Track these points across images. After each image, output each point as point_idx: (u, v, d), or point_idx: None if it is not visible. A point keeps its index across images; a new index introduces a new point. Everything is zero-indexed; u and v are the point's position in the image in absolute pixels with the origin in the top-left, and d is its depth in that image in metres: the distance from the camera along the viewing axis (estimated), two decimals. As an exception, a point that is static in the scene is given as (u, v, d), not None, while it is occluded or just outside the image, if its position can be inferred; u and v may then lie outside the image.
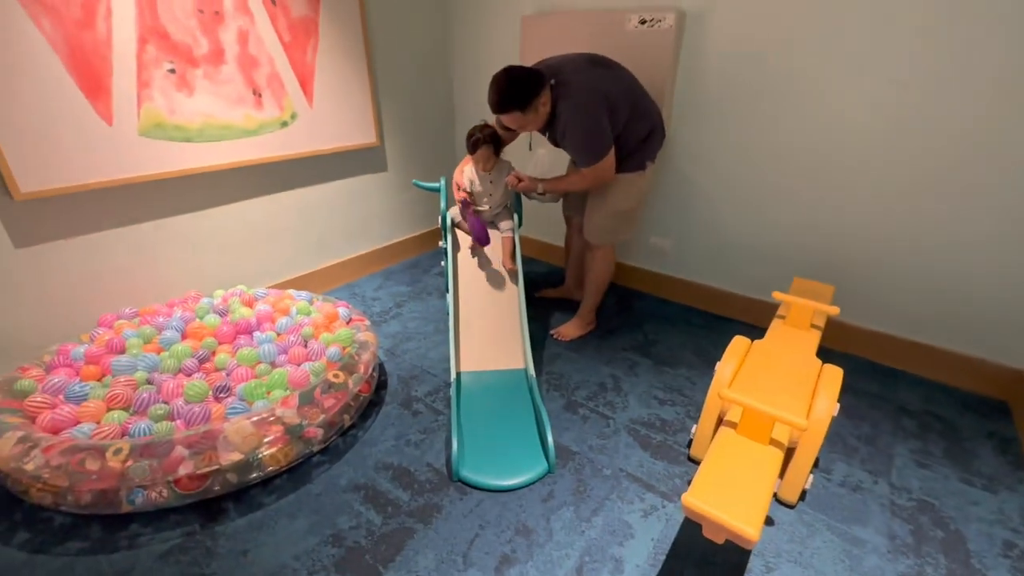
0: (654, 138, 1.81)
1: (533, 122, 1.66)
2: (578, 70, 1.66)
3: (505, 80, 1.58)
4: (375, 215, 2.71)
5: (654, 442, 1.56)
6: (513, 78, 1.58)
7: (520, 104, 1.58)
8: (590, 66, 1.69)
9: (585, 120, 1.63)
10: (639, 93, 1.75)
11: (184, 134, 1.83)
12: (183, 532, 1.25)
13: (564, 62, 1.69)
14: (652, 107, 1.79)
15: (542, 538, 1.24)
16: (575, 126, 1.64)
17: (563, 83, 1.64)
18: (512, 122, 1.65)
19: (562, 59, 1.72)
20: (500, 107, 1.60)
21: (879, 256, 1.86)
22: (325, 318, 1.79)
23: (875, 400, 1.75)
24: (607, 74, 1.70)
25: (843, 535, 1.25)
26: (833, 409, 1.22)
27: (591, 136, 1.66)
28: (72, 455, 1.18)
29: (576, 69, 1.66)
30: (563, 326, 2.14)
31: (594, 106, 1.62)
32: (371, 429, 1.60)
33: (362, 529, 1.26)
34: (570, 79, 1.63)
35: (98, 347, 1.54)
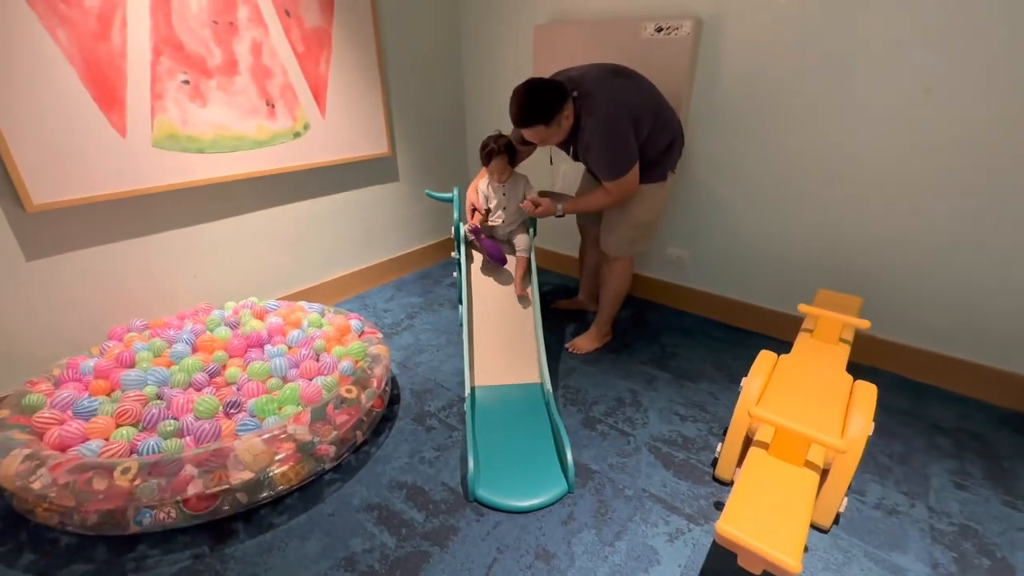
0: (675, 148, 1.76)
1: (556, 135, 1.61)
2: (600, 81, 1.61)
3: (528, 93, 1.53)
4: (387, 226, 2.69)
5: (677, 460, 1.50)
6: (536, 91, 1.53)
7: (544, 118, 1.53)
8: (612, 76, 1.64)
9: (611, 133, 1.57)
10: (661, 103, 1.70)
11: (197, 145, 1.82)
12: (192, 554, 1.21)
13: (584, 73, 1.64)
14: (673, 116, 1.75)
15: (563, 563, 1.18)
16: (600, 139, 1.58)
17: (586, 95, 1.59)
18: (535, 136, 1.59)
19: (582, 70, 1.67)
20: (523, 121, 1.55)
21: (907, 267, 1.80)
22: (337, 331, 1.76)
23: (906, 417, 1.68)
24: (629, 84, 1.65)
25: (882, 563, 1.19)
26: (869, 428, 1.16)
27: (617, 150, 1.60)
28: (79, 473, 1.14)
29: (598, 80, 1.61)
30: (578, 338, 2.08)
31: (619, 118, 1.57)
32: (384, 446, 1.56)
33: (376, 552, 1.21)
34: (593, 90, 1.58)
35: (107, 361, 1.51)
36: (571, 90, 1.57)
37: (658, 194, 1.80)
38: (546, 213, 1.82)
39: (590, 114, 1.57)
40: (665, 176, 1.78)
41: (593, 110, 1.57)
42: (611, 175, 1.64)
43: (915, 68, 1.60)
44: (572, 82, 1.61)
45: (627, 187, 1.67)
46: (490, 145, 1.82)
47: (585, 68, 1.67)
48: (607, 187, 1.68)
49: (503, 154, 1.81)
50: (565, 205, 1.81)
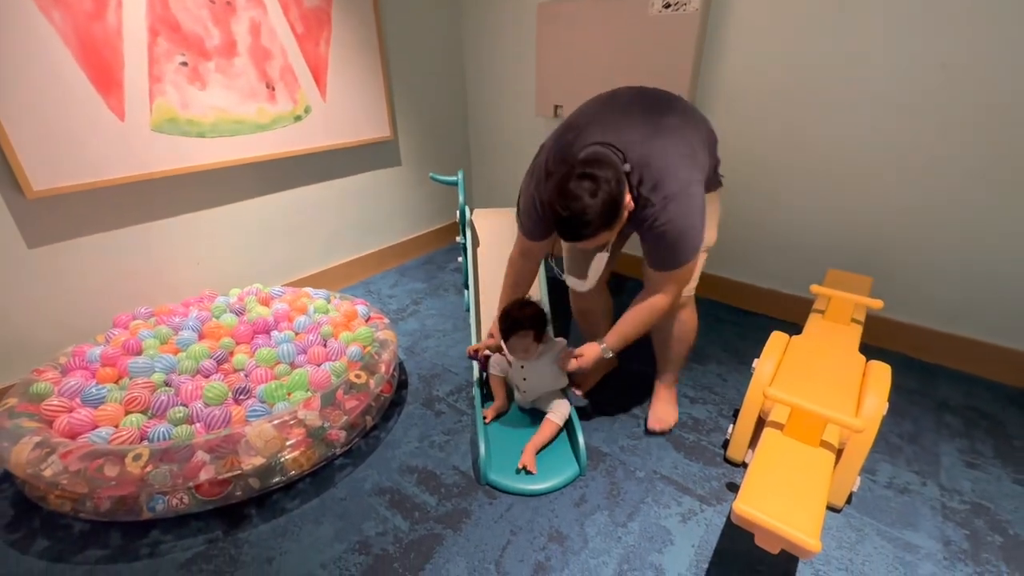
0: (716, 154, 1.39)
1: (615, 233, 1.18)
2: (654, 141, 1.15)
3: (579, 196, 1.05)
4: (390, 211, 2.66)
5: (687, 442, 1.50)
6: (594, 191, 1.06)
7: (609, 222, 1.09)
8: (658, 123, 1.19)
9: (690, 219, 1.15)
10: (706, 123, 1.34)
11: (198, 129, 1.79)
12: (206, 539, 1.21)
13: (621, 125, 1.19)
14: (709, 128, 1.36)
15: (577, 545, 1.19)
16: (679, 227, 1.15)
17: (641, 165, 1.13)
18: (596, 242, 1.17)
19: (611, 119, 1.21)
20: (580, 234, 1.10)
21: (915, 247, 1.78)
22: (344, 316, 1.74)
23: (915, 396, 1.68)
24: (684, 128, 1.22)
25: (894, 540, 1.19)
26: (884, 408, 1.16)
27: (695, 233, 1.17)
28: (91, 460, 1.14)
29: (650, 141, 1.15)
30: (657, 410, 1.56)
31: (697, 193, 1.16)
32: (393, 431, 1.55)
33: (389, 535, 1.21)
34: (651, 160, 1.13)
35: (114, 348, 1.50)
36: (620, 162, 1.13)
37: (718, 203, 1.42)
38: (592, 360, 1.36)
39: (661, 196, 1.13)
40: (720, 183, 1.40)
41: (661, 187, 1.13)
42: (680, 262, 1.21)
43: (931, 44, 1.56)
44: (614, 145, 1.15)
45: (691, 271, 1.28)
46: (513, 315, 1.39)
47: (611, 113, 1.23)
48: (671, 276, 1.23)
49: (529, 330, 1.39)
50: (611, 339, 1.33)
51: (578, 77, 2.25)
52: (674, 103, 1.28)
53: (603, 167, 1.08)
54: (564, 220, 1.08)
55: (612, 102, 1.27)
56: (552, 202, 1.10)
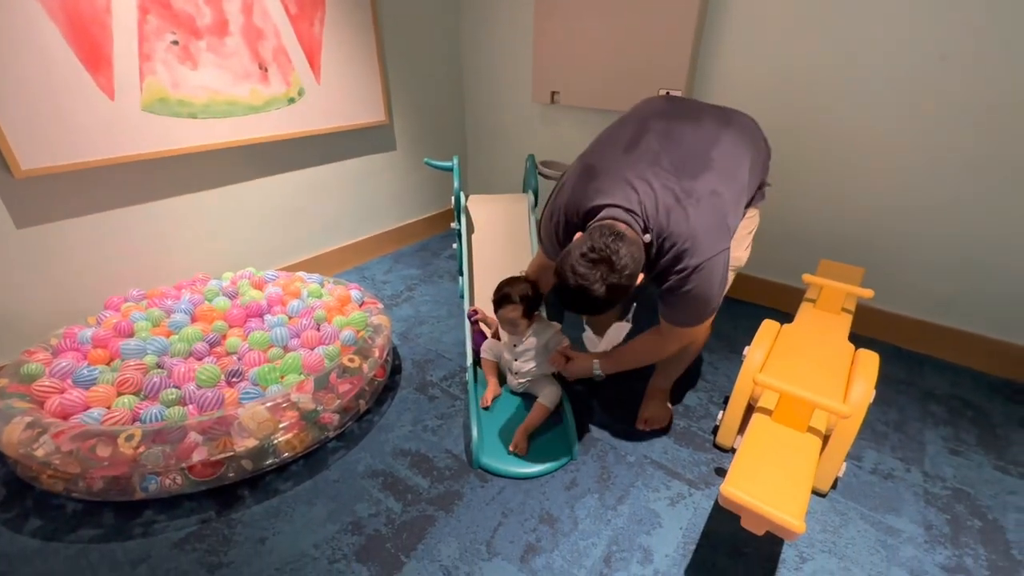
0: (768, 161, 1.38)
1: None
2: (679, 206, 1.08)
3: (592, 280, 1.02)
4: (384, 196, 2.64)
5: (677, 428, 1.52)
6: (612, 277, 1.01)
7: (614, 304, 1.08)
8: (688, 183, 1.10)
9: (710, 287, 1.12)
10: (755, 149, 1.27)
11: (189, 110, 1.76)
12: (199, 519, 1.22)
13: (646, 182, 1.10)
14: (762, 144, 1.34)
15: (567, 527, 1.20)
16: (693, 295, 1.13)
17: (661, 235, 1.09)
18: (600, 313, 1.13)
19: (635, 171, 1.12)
20: (585, 312, 1.12)
21: (906, 239, 1.80)
22: (337, 301, 1.74)
23: (901, 386, 1.70)
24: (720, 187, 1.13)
25: (877, 524, 1.22)
26: (871, 395, 1.18)
27: (711, 298, 1.15)
28: (83, 441, 1.14)
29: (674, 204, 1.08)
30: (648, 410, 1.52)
31: (719, 263, 1.11)
32: (387, 414, 1.56)
33: (382, 516, 1.23)
34: (673, 232, 1.08)
35: (105, 330, 1.49)
36: (640, 230, 1.09)
37: (758, 218, 1.41)
38: (580, 374, 1.41)
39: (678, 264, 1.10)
40: (765, 195, 1.38)
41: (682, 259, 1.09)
42: (695, 323, 1.21)
43: (930, 33, 1.56)
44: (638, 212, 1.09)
45: (704, 330, 1.28)
46: (503, 289, 1.43)
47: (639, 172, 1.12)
48: (679, 332, 1.24)
49: (516, 304, 1.42)
50: (604, 363, 1.36)
51: (576, 63, 2.24)
52: (713, 149, 1.17)
53: (620, 249, 1.01)
54: (570, 293, 1.06)
55: (638, 145, 1.18)
56: (562, 271, 1.06)
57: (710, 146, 1.18)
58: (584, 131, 2.44)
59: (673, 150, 1.16)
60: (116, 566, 1.11)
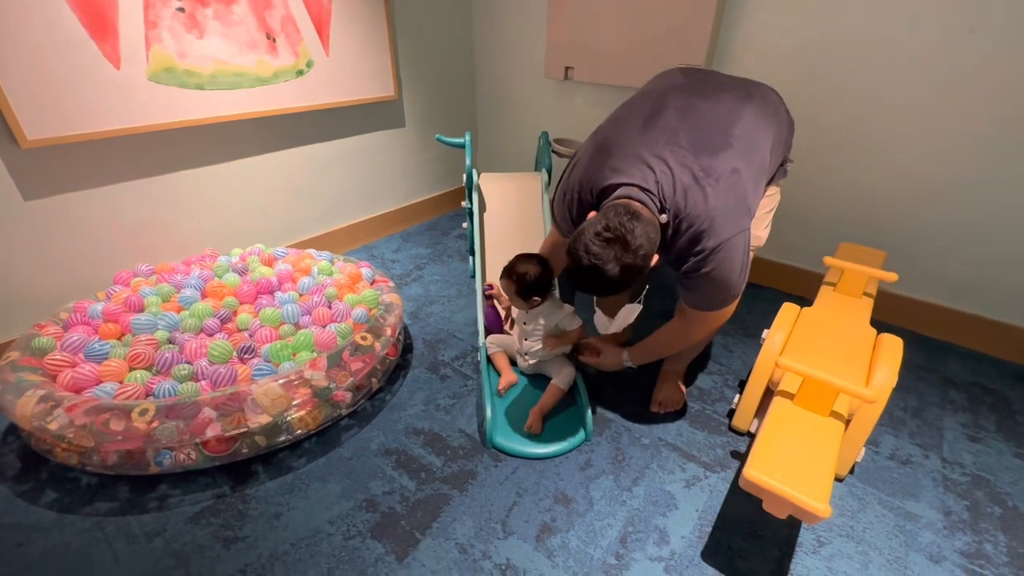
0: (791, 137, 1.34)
1: None
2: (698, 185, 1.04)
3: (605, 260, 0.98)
4: (393, 174, 2.60)
5: (692, 411, 1.50)
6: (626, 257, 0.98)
7: (628, 286, 1.05)
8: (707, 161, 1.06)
9: (729, 270, 1.08)
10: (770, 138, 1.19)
11: (196, 80, 1.72)
12: (213, 494, 1.21)
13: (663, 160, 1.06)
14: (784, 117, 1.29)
15: (582, 507, 1.20)
16: (712, 279, 1.09)
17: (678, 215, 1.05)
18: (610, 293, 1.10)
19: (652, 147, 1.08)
20: (597, 292, 1.10)
21: (929, 223, 1.75)
22: (348, 279, 1.72)
23: (920, 372, 1.68)
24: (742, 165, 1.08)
25: (896, 510, 1.20)
26: (895, 380, 1.15)
27: (731, 283, 1.11)
28: (96, 415, 1.13)
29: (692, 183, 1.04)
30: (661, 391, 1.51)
31: (739, 244, 1.06)
32: (399, 393, 1.55)
33: (396, 495, 1.22)
34: (691, 212, 1.04)
35: (116, 305, 1.48)
36: (656, 210, 1.05)
37: (778, 196, 1.38)
38: (611, 367, 1.39)
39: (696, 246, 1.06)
40: (787, 172, 1.33)
41: (700, 241, 1.05)
42: (717, 307, 1.17)
43: (960, 6, 1.49)
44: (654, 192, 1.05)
45: (729, 312, 1.21)
46: (511, 262, 1.40)
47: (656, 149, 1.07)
48: (702, 317, 1.20)
49: (510, 282, 1.38)
50: (634, 354, 1.35)
51: (591, 38, 2.17)
52: (733, 126, 1.11)
53: (636, 229, 0.98)
54: (582, 272, 1.02)
55: (656, 121, 1.12)
56: (575, 250, 1.02)
57: (731, 123, 1.13)
58: (599, 108, 2.38)
59: (692, 127, 1.11)
60: (132, 539, 1.11)
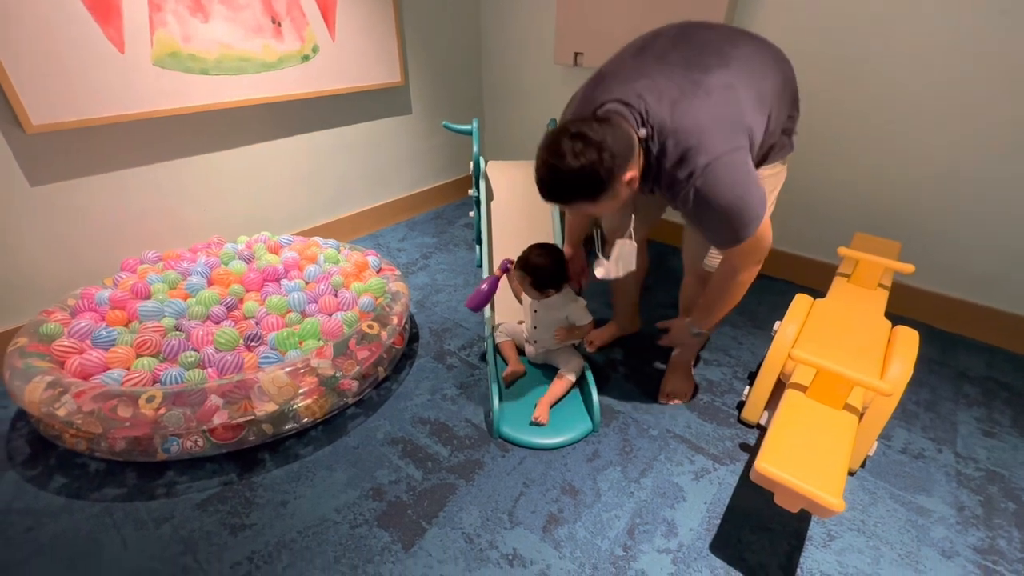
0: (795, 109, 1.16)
1: (611, 208, 1.03)
2: (685, 98, 0.95)
3: (565, 155, 0.91)
4: (399, 161, 2.58)
5: (701, 403, 1.49)
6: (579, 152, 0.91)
7: (590, 194, 0.96)
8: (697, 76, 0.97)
9: (732, 197, 0.97)
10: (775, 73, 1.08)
11: (201, 65, 1.70)
12: (221, 482, 1.22)
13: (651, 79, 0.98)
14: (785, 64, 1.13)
15: (590, 498, 1.19)
16: (718, 209, 0.98)
17: (665, 132, 0.95)
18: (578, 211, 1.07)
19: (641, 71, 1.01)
20: (557, 197, 0.99)
21: (944, 213, 1.71)
22: (355, 267, 1.71)
23: (934, 365, 1.65)
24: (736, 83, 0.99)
25: (907, 504, 1.19)
26: (910, 373, 1.13)
27: (744, 209, 0.99)
28: (104, 401, 1.13)
29: (680, 98, 0.95)
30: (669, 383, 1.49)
31: (735, 162, 0.96)
32: (405, 382, 1.55)
33: (403, 484, 1.22)
34: (678, 126, 0.94)
35: (123, 292, 1.47)
36: (636, 124, 0.96)
37: (783, 174, 1.24)
38: (683, 340, 1.32)
39: (683, 169, 0.96)
40: (792, 146, 1.19)
41: (687, 162, 0.95)
42: (739, 238, 1.03)
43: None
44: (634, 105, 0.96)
45: (763, 239, 1.07)
46: (524, 253, 1.37)
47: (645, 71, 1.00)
48: (735, 254, 1.09)
49: (526, 275, 1.36)
50: (696, 319, 1.26)
51: (602, 23, 2.12)
52: (730, 48, 1.03)
53: (605, 131, 0.91)
54: (542, 175, 0.97)
55: (649, 47, 1.07)
56: (539, 153, 0.97)
57: (729, 46, 1.04)
58: (608, 95, 2.33)
59: (685, 46, 1.04)
60: (140, 524, 1.12)
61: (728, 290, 1.17)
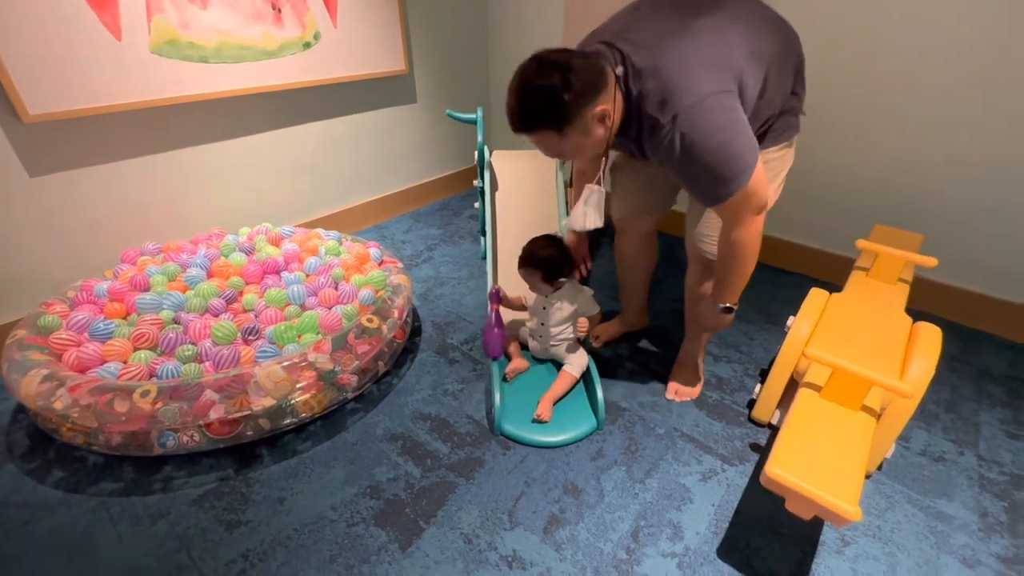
0: (802, 75, 1.11)
1: (582, 147, 0.97)
2: (670, 37, 0.92)
3: (528, 78, 0.89)
4: (404, 152, 2.54)
5: (710, 401, 1.44)
6: (540, 73, 0.88)
7: (554, 119, 0.90)
8: (687, 21, 0.94)
9: (712, 132, 0.90)
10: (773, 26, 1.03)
11: (200, 53, 1.67)
12: (217, 477, 1.20)
13: (641, 24, 0.97)
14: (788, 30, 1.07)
15: (593, 499, 1.15)
16: (700, 159, 0.91)
17: (646, 73, 0.91)
18: (545, 147, 0.98)
19: (633, 17, 1.00)
20: (521, 123, 0.94)
21: (966, 205, 1.64)
22: (356, 259, 1.68)
23: (954, 363, 1.58)
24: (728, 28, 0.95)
25: (926, 509, 1.14)
26: (932, 373, 1.07)
27: (724, 152, 0.91)
28: (99, 395, 1.11)
29: (665, 37, 0.92)
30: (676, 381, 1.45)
31: (719, 106, 0.90)
32: (406, 377, 1.52)
33: (401, 481, 1.19)
34: (661, 65, 0.90)
35: (121, 284, 1.46)
36: (613, 64, 0.93)
37: (789, 157, 1.17)
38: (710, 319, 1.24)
39: (666, 111, 0.90)
40: (798, 126, 1.15)
41: (670, 103, 0.89)
42: (726, 192, 0.96)
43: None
44: (616, 45, 0.94)
45: (756, 193, 0.97)
46: (528, 249, 1.34)
47: (637, 17, 1.00)
48: (731, 211, 1.00)
49: (535, 269, 1.33)
50: (717, 294, 1.19)
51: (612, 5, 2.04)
52: (728, 1, 0.99)
53: (573, 57, 0.88)
54: (508, 103, 0.94)
55: (646, 2, 1.05)
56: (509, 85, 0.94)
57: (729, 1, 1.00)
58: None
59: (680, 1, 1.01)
60: (136, 520, 1.10)
61: (735, 255, 1.08)
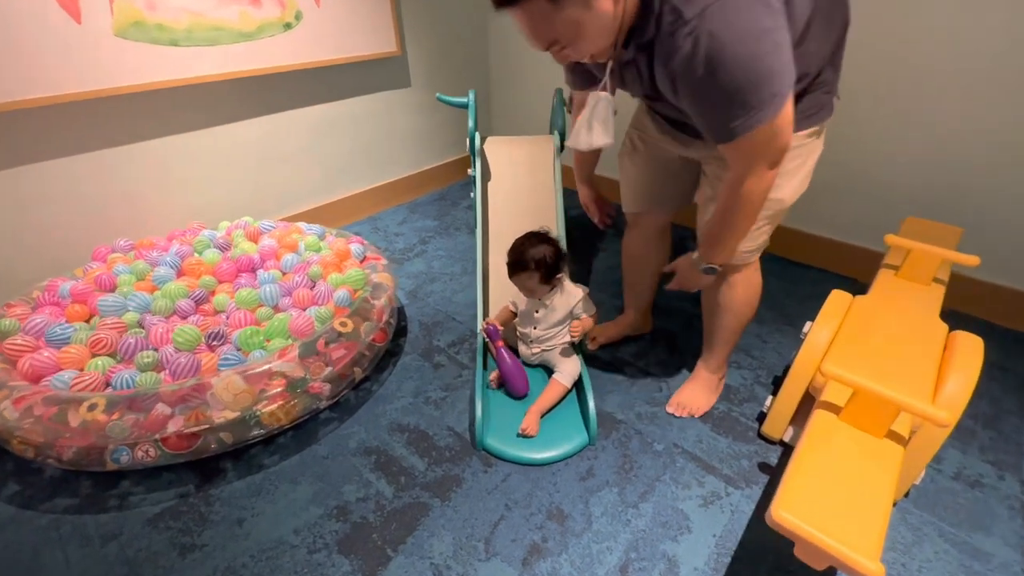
0: (842, 48, 0.95)
1: (583, 28, 0.79)
2: None
3: None
4: (399, 139, 2.41)
5: (716, 412, 1.31)
6: None
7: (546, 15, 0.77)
8: None
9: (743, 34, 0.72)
10: None
11: (169, 36, 1.56)
12: (177, 493, 1.12)
13: None
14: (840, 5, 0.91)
15: (579, 526, 1.04)
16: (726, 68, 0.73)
17: None
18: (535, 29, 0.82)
19: None
20: None
21: (1006, 194, 1.46)
22: (336, 256, 1.57)
23: (995, 371, 1.42)
24: None
25: (960, 545, 1.00)
26: (970, 393, 0.93)
27: (760, 78, 0.74)
28: (45, 408, 1.04)
29: None
30: (684, 391, 1.33)
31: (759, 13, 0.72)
32: (387, 383, 1.42)
33: (371, 502, 1.10)
34: None
35: (86, 284, 1.38)
36: None
37: (816, 147, 1.01)
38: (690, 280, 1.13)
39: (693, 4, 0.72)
40: (831, 109, 0.99)
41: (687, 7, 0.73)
42: (752, 124, 0.78)
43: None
44: None
45: (781, 132, 0.81)
46: (518, 249, 1.25)
47: None
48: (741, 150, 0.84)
49: (532, 272, 1.24)
50: (704, 252, 1.05)
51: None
52: None
53: None
54: None
55: None
56: None
57: None
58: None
59: None
60: (86, 541, 1.03)
61: (740, 208, 0.92)
